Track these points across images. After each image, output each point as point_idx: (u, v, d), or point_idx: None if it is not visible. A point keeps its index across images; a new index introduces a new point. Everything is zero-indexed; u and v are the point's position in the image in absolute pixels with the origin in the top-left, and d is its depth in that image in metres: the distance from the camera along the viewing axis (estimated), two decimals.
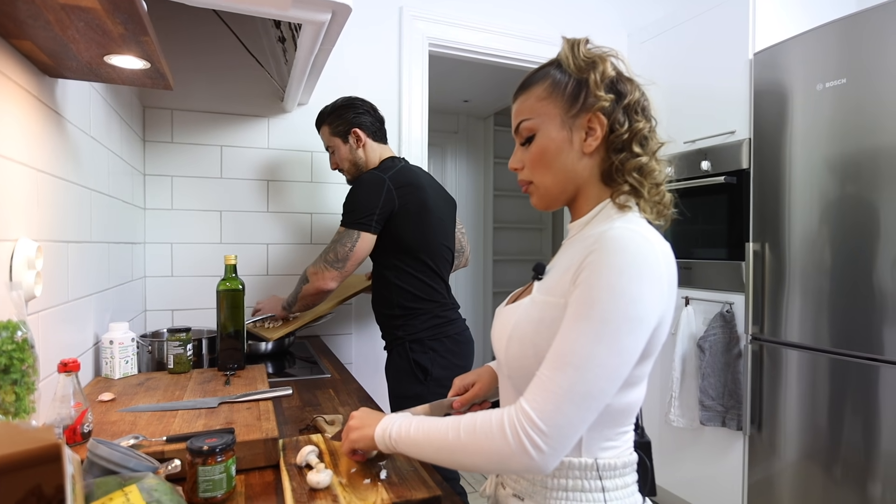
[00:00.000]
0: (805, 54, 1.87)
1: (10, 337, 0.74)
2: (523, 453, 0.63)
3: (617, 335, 0.63)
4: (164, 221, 1.95)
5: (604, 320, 0.63)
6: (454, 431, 0.70)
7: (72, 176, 1.16)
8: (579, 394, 0.63)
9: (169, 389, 1.21)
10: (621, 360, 0.64)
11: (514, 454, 0.64)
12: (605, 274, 0.64)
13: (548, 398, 0.63)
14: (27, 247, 0.88)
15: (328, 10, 1.18)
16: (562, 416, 0.63)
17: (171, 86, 1.11)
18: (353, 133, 1.71)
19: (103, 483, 0.66)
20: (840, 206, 1.76)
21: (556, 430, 0.63)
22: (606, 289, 0.63)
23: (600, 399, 0.64)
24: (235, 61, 2.00)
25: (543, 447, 0.63)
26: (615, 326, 0.63)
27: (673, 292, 0.69)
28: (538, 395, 0.64)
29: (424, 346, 1.61)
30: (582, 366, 0.63)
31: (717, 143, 2.18)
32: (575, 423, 0.63)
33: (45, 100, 1.01)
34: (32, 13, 0.75)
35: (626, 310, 0.63)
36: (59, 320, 1.08)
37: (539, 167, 0.77)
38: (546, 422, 0.63)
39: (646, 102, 0.77)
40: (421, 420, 0.76)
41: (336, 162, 1.77)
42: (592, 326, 0.63)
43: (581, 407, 0.63)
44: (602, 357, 0.63)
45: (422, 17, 2.24)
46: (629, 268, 0.64)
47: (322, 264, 1.62)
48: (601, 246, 0.65)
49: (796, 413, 1.87)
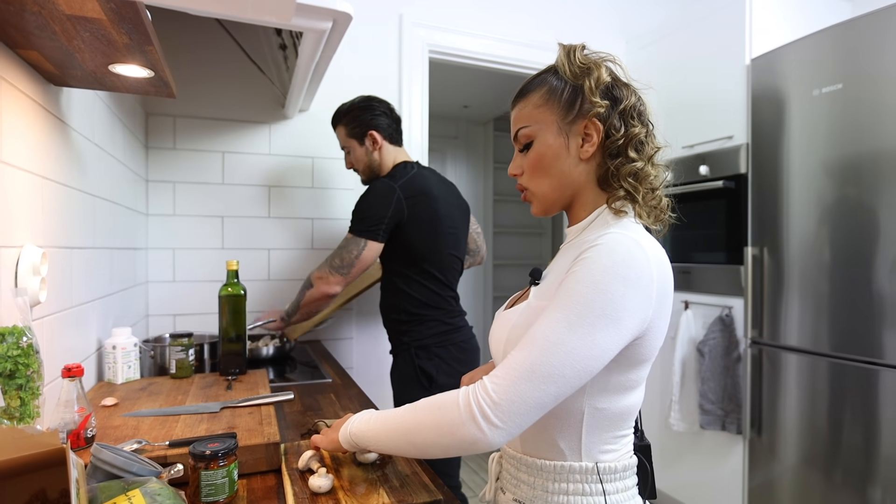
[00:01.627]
0: (802, 60, 1.88)
1: (16, 342, 0.75)
2: (472, 423, 0.64)
3: (590, 328, 0.64)
4: (167, 227, 1.96)
5: (579, 312, 0.64)
6: (412, 411, 0.71)
7: (76, 183, 1.17)
8: (538, 374, 0.63)
9: (171, 394, 1.22)
10: (590, 354, 0.64)
11: (462, 423, 0.65)
12: (590, 269, 0.66)
13: (507, 374, 0.65)
14: (32, 253, 0.90)
15: (329, 18, 1.19)
16: (516, 391, 0.63)
17: (174, 94, 1.12)
18: (369, 135, 1.68)
19: (107, 487, 0.67)
20: (838, 210, 1.77)
21: (508, 405, 0.63)
22: (588, 283, 0.65)
23: (559, 384, 0.64)
24: (237, 68, 2.01)
25: (493, 418, 0.63)
26: (589, 320, 0.64)
27: (665, 299, 0.70)
28: (499, 370, 0.66)
29: (430, 352, 1.60)
30: (547, 349, 0.64)
31: (715, 147, 2.19)
32: (528, 402, 0.63)
33: (50, 108, 1.03)
34: (39, 24, 0.77)
35: (604, 307, 0.64)
36: (63, 325, 1.09)
37: (537, 173, 0.78)
38: (499, 394, 0.64)
39: (642, 107, 0.77)
40: (382, 412, 0.78)
41: (350, 162, 1.76)
42: (566, 315, 0.65)
43: (537, 387, 0.63)
44: (569, 344, 0.64)
45: (422, 24, 2.26)
46: (615, 268, 0.65)
47: (327, 269, 1.62)
48: (594, 247, 0.67)
49: (796, 417, 1.88)
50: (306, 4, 1.12)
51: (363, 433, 0.77)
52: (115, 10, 0.73)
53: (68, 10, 0.73)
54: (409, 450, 0.72)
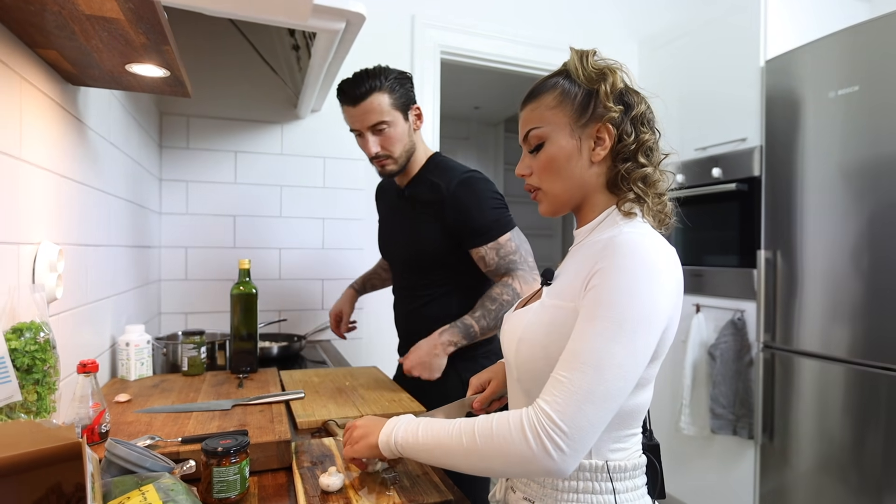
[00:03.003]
0: (817, 62, 1.86)
1: (34, 338, 0.76)
2: (545, 456, 0.63)
3: (632, 336, 0.64)
4: (180, 226, 1.98)
5: (619, 321, 0.64)
6: (468, 436, 0.69)
7: (92, 181, 1.19)
8: (599, 394, 0.63)
9: (183, 391, 1.23)
10: (636, 361, 0.65)
11: (535, 457, 0.63)
12: (618, 276, 0.66)
13: (569, 399, 0.63)
14: (49, 250, 0.91)
15: (343, 19, 1.20)
16: (583, 416, 0.63)
17: (189, 93, 1.13)
18: (414, 109, 1.37)
19: (121, 482, 0.68)
20: (853, 214, 1.74)
21: (578, 432, 0.63)
22: (620, 291, 0.65)
23: (618, 399, 0.65)
24: (250, 69, 2.03)
25: (566, 448, 0.63)
26: (630, 327, 0.64)
27: (679, 295, 0.71)
28: (558, 396, 0.64)
29: (478, 364, 1.34)
30: (600, 366, 0.63)
31: (728, 150, 2.17)
32: (595, 424, 0.64)
33: (67, 107, 1.04)
34: (59, 24, 0.78)
35: (641, 311, 0.64)
36: (78, 322, 1.10)
37: (548, 175, 0.78)
38: (568, 423, 0.63)
39: (651, 115, 0.78)
40: (428, 423, 0.75)
41: (384, 143, 1.34)
42: (608, 327, 0.64)
43: (601, 407, 0.63)
44: (619, 357, 0.64)
45: (434, 25, 2.27)
46: (641, 270, 0.66)
47: (531, 273, 1.33)
48: (612, 251, 0.67)
49: (809, 422, 1.86)
50: (320, 5, 1.13)
51: (411, 445, 0.74)
52: (134, 9, 0.74)
53: (87, 9, 0.73)
54: (469, 470, 0.71)
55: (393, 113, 1.33)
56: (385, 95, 1.32)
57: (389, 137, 1.33)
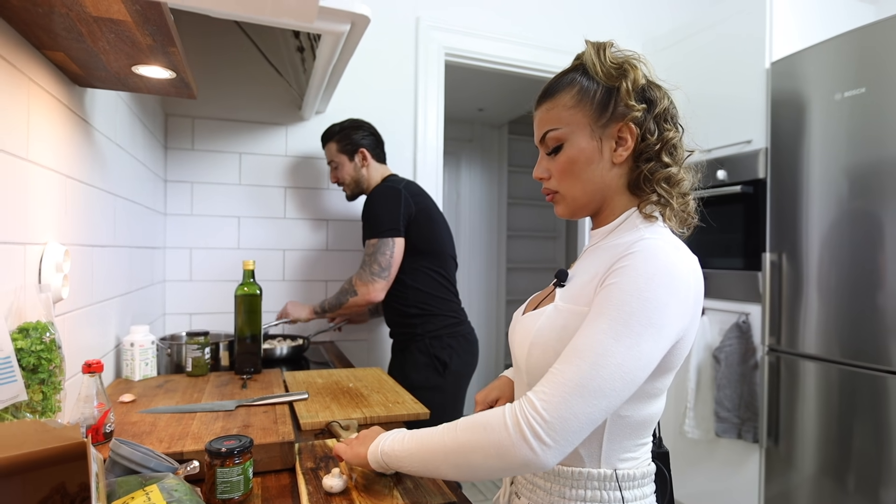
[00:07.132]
0: (823, 64, 1.85)
1: (39, 338, 0.76)
2: (523, 443, 0.60)
3: (637, 338, 0.61)
4: (184, 227, 1.99)
5: (626, 321, 0.62)
6: (451, 432, 0.67)
7: (98, 182, 1.19)
8: (589, 389, 0.60)
9: (187, 392, 1.23)
10: (638, 365, 0.62)
11: (513, 444, 0.61)
12: (633, 278, 0.63)
13: (555, 389, 0.61)
14: (55, 250, 0.91)
15: (347, 21, 1.20)
16: (567, 408, 0.60)
17: (195, 94, 1.13)
18: (359, 152, 1.84)
19: (125, 482, 0.68)
20: (859, 217, 1.73)
21: (561, 423, 0.60)
22: (633, 292, 0.62)
23: (611, 398, 0.61)
24: (255, 71, 2.04)
25: (545, 438, 0.60)
26: (636, 330, 0.61)
27: (699, 308, 0.68)
28: (546, 385, 0.62)
29: (443, 342, 1.74)
30: (596, 361, 0.61)
31: (733, 152, 2.17)
32: (580, 419, 0.60)
33: (74, 108, 1.05)
34: (67, 26, 0.78)
35: (650, 315, 0.62)
36: (83, 322, 1.11)
37: (568, 177, 0.75)
38: (550, 412, 0.60)
39: (674, 110, 0.75)
40: (416, 431, 0.72)
41: (338, 177, 1.89)
42: (612, 325, 0.62)
43: (590, 403, 0.60)
44: (618, 356, 0.61)
45: (438, 27, 2.27)
46: (659, 276, 0.63)
47: (369, 276, 1.71)
48: (633, 254, 0.65)
49: (814, 426, 1.84)
50: (325, 7, 1.13)
51: (396, 453, 0.71)
52: (140, 11, 0.74)
53: (95, 11, 0.74)
54: (452, 472, 0.67)
55: (340, 156, 1.86)
56: (333, 144, 1.87)
57: (340, 173, 1.88)
